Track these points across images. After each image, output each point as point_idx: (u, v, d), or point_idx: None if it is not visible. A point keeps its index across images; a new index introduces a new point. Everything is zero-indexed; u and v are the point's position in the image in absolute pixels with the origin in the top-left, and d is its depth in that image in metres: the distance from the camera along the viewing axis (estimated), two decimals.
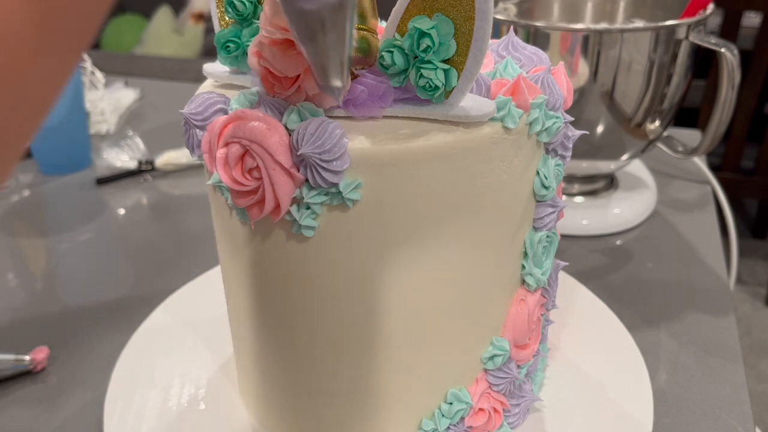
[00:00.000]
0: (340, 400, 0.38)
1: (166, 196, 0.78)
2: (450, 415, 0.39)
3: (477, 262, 0.36)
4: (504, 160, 0.34)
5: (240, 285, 0.38)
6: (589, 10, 0.74)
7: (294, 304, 0.36)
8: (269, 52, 0.32)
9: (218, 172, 0.33)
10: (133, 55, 2.07)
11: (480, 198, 0.34)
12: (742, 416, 0.45)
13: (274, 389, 0.40)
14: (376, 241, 0.33)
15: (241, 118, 0.32)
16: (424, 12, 0.31)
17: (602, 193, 0.72)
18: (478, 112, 0.32)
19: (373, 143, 0.31)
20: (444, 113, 0.32)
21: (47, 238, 0.70)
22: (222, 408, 0.44)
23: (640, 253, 0.65)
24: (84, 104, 0.84)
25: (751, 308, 1.73)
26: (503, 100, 0.33)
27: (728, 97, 0.61)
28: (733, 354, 0.51)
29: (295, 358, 0.38)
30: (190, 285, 0.57)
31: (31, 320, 0.57)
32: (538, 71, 0.37)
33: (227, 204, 0.35)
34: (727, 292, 0.59)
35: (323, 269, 0.34)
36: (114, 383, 0.46)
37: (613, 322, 0.52)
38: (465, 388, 0.39)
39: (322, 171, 0.31)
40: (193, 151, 0.36)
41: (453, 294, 0.36)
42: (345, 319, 0.36)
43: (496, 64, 0.37)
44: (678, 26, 0.58)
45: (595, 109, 0.61)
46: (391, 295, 0.35)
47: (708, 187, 0.77)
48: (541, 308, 0.42)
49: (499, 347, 0.39)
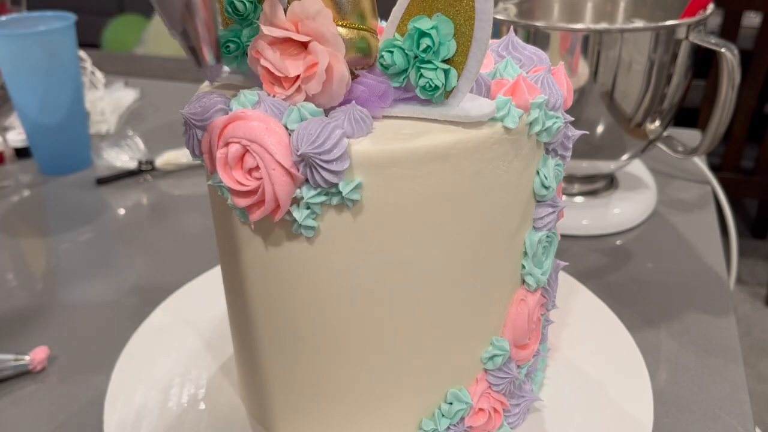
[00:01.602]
0: (340, 400, 0.38)
1: (166, 196, 0.78)
2: (450, 415, 0.39)
3: (477, 262, 0.36)
4: (504, 160, 0.34)
5: (240, 285, 0.38)
6: (589, 10, 0.74)
7: (294, 303, 0.36)
8: (269, 52, 0.32)
9: (218, 172, 0.33)
10: (133, 55, 2.07)
11: (480, 198, 0.34)
12: (742, 416, 0.45)
13: (275, 389, 0.40)
14: (376, 241, 0.33)
15: (241, 118, 0.32)
16: (424, 12, 0.31)
17: (602, 193, 0.72)
18: (478, 112, 0.32)
19: (373, 143, 0.31)
20: (444, 113, 0.32)
21: (47, 238, 0.70)
22: (222, 408, 0.44)
23: (640, 253, 0.65)
24: (84, 104, 0.84)
25: (751, 308, 1.73)
26: (503, 100, 0.33)
27: (728, 97, 0.61)
28: (733, 354, 0.51)
29: (294, 357, 0.38)
30: (190, 285, 0.57)
31: (31, 320, 0.57)
32: (538, 71, 0.37)
33: (227, 204, 0.35)
34: (727, 292, 0.59)
35: (323, 269, 0.34)
36: (114, 383, 0.46)
37: (613, 322, 0.52)
38: (465, 388, 0.39)
39: (322, 171, 0.31)
40: (194, 152, 0.36)
41: (453, 293, 0.36)
42: (345, 319, 0.36)
43: (496, 64, 0.37)
44: (678, 26, 0.58)
45: (595, 109, 0.61)
46: (392, 294, 0.35)
47: (708, 187, 0.77)
48: (541, 308, 0.42)
49: (499, 347, 0.39)
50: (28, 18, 0.79)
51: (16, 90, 0.78)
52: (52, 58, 0.76)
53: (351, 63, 0.33)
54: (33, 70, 0.76)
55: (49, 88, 0.78)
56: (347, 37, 0.32)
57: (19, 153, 0.87)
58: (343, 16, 0.32)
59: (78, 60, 0.81)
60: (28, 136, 0.83)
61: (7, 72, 0.77)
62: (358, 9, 0.32)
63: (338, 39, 0.31)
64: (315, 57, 0.31)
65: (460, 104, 0.32)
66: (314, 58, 0.31)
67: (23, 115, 0.80)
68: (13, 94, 0.79)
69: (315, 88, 0.32)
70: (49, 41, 0.75)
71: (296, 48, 0.32)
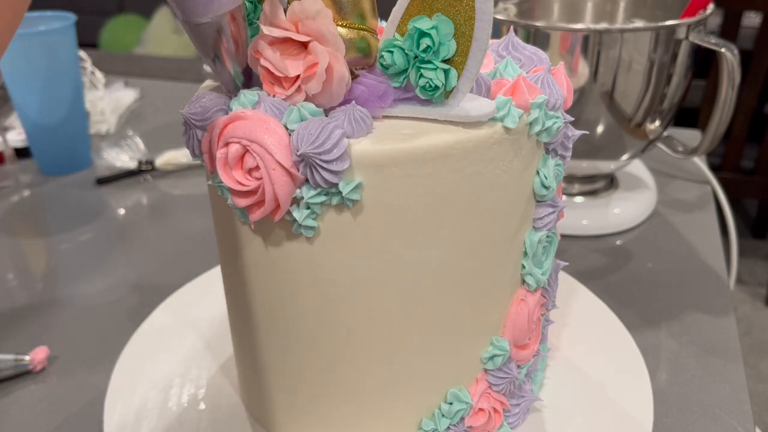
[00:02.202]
0: (340, 400, 0.38)
1: (166, 196, 0.78)
2: (450, 415, 0.39)
3: (477, 262, 0.36)
4: (504, 159, 0.34)
5: (240, 285, 0.38)
6: (589, 10, 0.74)
7: (294, 304, 0.36)
8: (269, 51, 0.32)
9: (218, 172, 0.33)
10: (133, 55, 2.07)
11: (480, 198, 0.34)
12: (742, 416, 0.45)
13: (274, 389, 0.40)
14: (377, 241, 0.33)
15: (241, 118, 0.32)
16: (424, 12, 0.31)
17: (602, 193, 0.72)
18: (479, 112, 0.32)
19: (373, 143, 0.31)
20: (444, 113, 0.32)
21: (47, 238, 0.70)
22: (222, 408, 0.44)
23: (640, 253, 0.65)
24: (84, 104, 0.84)
25: (751, 308, 1.73)
26: (503, 100, 0.33)
27: (728, 97, 0.61)
28: (733, 354, 0.51)
29: (295, 357, 0.38)
30: (190, 285, 0.57)
31: (31, 320, 0.57)
32: (538, 71, 0.37)
33: (227, 204, 0.35)
34: (727, 292, 0.59)
35: (323, 269, 0.34)
36: (114, 383, 0.46)
37: (613, 322, 0.52)
38: (465, 388, 0.39)
39: (321, 171, 0.31)
40: (194, 152, 0.36)
41: (453, 293, 0.36)
42: (345, 319, 0.36)
43: (496, 64, 0.37)
44: (678, 26, 0.58)
45: (595, 109, 0.61)
46: (392, 294, 0.35)
47: (708, 187, 0.77)
48: (541, 308, 0.42)
49: (499, 347, 0.39)
50: (28, 18, 0.79)
51: (16, 90, 0.78)
52: (52, 58, 0.76)
53: (351, 63, 0.33)
54: (33, 70, 0.76)
55: (49, 88, 0.78)
56: (347, 37, 0.32)
57: (19, 153, 0.87)
58: (343, 16, 0.32)
59: (78, 60, 0.81)
60: (28, 136, 0.83)
61: (7, 72, 0.77)
62: (358, 9, 0.32)
63: (338, 39, 0.31)
64: (315, 57, 0.31)
65: (460, 104, 0.32)
66: (314, 58, 0.31)
67: (23, 115, 0.80)
68: (13, 94, 0.79)
69: (315, 88, 0.32)
70: (49, 41, 0.75)
71: (296, 48, 0.32)
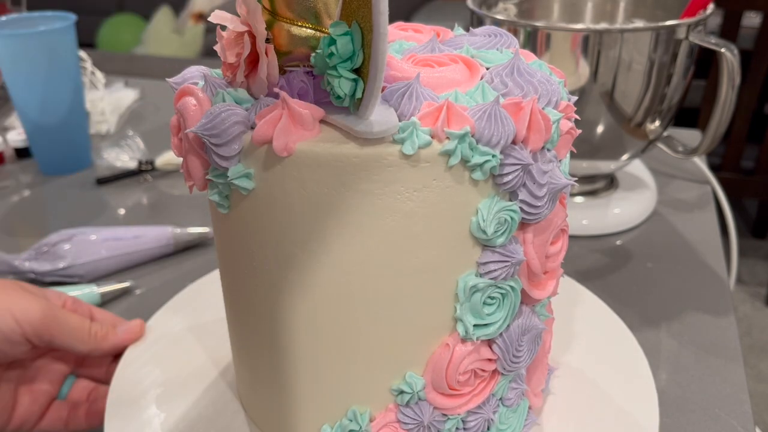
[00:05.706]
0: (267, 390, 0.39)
1: (166, 196, 0.79)
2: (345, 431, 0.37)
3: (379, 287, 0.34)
4: (406, 186, 0.31)
5: (226, 282, 0.39)
6: (589, 10, 0.74)
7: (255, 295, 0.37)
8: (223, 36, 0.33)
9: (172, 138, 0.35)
10: (133, 55, 2.07)
11: (377, 219, 0.32)
12: (742, 416, 0.45)
13: (265, 389, 0.40)
14: (272, 233, 0.33)
15: (185, 93, 0.34)
16: (349, 18, 0.29)
17: (602, 193, 0.72)
18: (379, 128, 0.30)
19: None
20: (348, 124, 0.31)
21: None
22: (222, 408, 0.44)
23: (640, 253, 0.65)
24: (84, 104, 0.84)
25: (751, 308, 1.73)
26: (407, 123, 0.30)
27: (728, 97, 0.61)
28: (733, 354, 0.51)
29: (281, 357, 0.38)
30: (190, 286, 0.57)
31: None
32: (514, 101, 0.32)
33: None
34: (727, 292, 0.59)
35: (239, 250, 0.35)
36: (114, 384, 0.46)
37: (614, 322, 0.52)
38: (369, 412, 0.37)
39: (212, 154, 0.32)
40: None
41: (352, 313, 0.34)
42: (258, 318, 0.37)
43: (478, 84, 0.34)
44: (678, 26, 0.58)
45: (595, 109, 0.61)
46: (292, 293, 0.34)
47: (708, 187, 0.77)
48: (484, 362, 0.36)
49: (409, 384, 0.35)
50: (28, 18, 0.79)
51: (16, 90, 0.78)
52: (52, 58, 0.76)
53: (298, 59, 0.33)
54: (33, 70, 0.76)
55: (49, 88, 0.78)
56: (295, 33, 0.32)
57: (19, 153, 0.87)
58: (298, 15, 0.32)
59: (78, 60, 0.81)
60: (28, 136, 0.83)
61: (7, 72, 0.77)
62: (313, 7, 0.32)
63: (264, 33, 0.31)
64: (243, 47, 0.32)
65: (370, 117, 0.30)
66: (242, 48, 0.32)
67: (23, 115, 0.80)
68: (13, 94, 0.79)
69: (241, 76, 0.33)
70: (49, 41, 0.75)
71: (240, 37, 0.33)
